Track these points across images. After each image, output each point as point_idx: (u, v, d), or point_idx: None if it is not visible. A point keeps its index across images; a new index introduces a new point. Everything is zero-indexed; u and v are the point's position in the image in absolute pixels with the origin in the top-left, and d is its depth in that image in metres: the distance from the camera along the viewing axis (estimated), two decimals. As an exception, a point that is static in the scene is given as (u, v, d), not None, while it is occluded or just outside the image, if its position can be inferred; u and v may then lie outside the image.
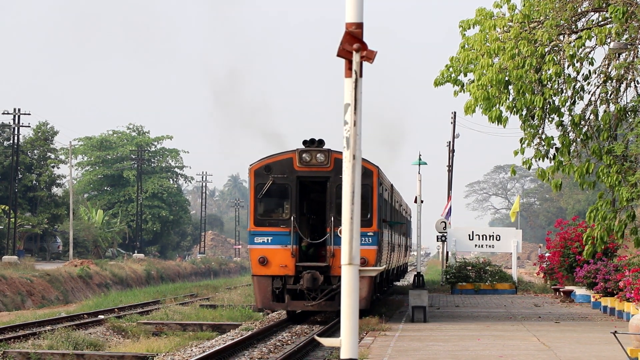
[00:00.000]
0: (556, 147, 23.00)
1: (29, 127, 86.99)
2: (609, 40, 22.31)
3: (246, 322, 33.34)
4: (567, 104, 22.87)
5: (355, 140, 8.04)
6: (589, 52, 22.86)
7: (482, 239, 49.21)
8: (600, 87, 23.18)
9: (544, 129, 23.07)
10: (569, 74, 22.64)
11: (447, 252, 52.43)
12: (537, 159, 23.15)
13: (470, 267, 48.59)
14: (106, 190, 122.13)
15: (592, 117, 23.20)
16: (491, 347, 22.98)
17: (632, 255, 32.26)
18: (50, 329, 31.54)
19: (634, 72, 23.00)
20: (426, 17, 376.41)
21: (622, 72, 22.87)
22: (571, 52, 22.13)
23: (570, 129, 23.03)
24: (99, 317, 37.63)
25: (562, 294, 42.48)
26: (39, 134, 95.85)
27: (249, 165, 30.96)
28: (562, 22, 22.38)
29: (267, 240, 30.33)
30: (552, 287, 45.77)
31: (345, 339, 8.02)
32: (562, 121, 23.01)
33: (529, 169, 23.88)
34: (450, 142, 66.81)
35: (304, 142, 30.65)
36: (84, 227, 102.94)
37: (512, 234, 49.49)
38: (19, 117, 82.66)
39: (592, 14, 22.94)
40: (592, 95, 23.25)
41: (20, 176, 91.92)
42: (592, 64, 23.02)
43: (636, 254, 31.19)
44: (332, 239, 30.03)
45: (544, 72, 22.26)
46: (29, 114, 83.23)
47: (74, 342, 28.69)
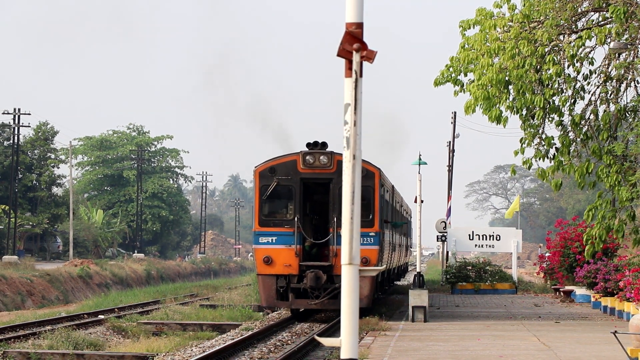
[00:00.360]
0: (556, 147, 23.00)
1: (29, 127, 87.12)
2: (609, 40, 22.31)
3: (246, 322, 33.37)
4: (567, 103, 22.87)
5: (355, 140, 8.04)
6: (589, 52, 22.86)
7: (482, 239, 49.21)
8: (600, 87, 23.18)
9: (544, 128, 23.09)
10: (569, 74, 22.65)
11: (447, 252, 52.43)
12: (537, 159, 23.16)
13: (470, 267, 48.60)
14: (106, 190, 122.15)
15: (592, 117, 23.20)
16: (491, 347, 22.97)
17: (632, 255, 32.24)
18: (50, 329, 31.54)
19: (634, 72, 23.01)
20: (426, 17, 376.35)
21: (622, 72, 22.88)
22: (571, 52, 22.12)
23: (570, 128, 23.04)
24: (99, 317, 37.63)
25: (562, 293, 42.48)
26: (39, 133, 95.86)
27: (254, 167, 31.50)
28: (562, 22, 22.38)
29: (272, 240, 30.80)
30: (552, 287, 45.76)
31: (345, 338, 8.02)
32: (562, 121, 23.01)
33: (529, 168, 23.88)
34: (450, 142, 66.77)
35: (308, 144, 31.17)
36: (84, 227, 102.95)
37: (512, 234, 49.47)
38: (19, 117, 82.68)
39: (592, 13, 22.94)
40: (592, 95, 23.26)
41: (20, 176, 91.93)
42: (592, 63, 23.02)
43: (636, 253, 31.17)
44: (334, 239, 30.42)
45: (544, 72, 22.26)
46: (29, 114, 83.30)
47: (74, 342, 28.70)
